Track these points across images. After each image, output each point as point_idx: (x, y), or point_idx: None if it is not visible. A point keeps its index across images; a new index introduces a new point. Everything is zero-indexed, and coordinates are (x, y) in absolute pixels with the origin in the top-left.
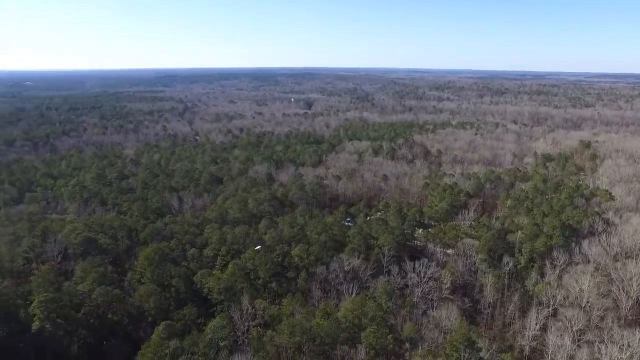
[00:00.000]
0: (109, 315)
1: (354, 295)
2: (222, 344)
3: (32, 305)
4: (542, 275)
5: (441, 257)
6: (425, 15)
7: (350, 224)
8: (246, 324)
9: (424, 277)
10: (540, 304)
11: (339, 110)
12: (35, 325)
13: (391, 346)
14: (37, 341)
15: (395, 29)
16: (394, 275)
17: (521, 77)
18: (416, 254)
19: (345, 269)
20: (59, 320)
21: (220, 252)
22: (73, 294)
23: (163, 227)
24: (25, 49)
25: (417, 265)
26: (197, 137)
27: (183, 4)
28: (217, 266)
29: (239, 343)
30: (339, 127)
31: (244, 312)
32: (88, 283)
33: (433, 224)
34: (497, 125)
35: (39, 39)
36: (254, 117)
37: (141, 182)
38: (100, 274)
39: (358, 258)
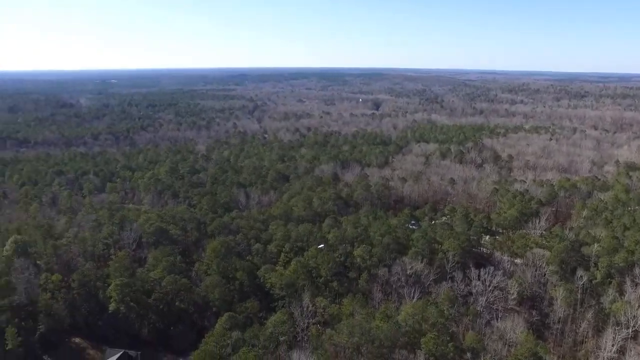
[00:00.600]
0: (177, 303)
1: (415, 299)
2: (281, 338)
3: (110, 288)
4: (621, 293)
5: (508, 266)
6: (499, 14)
7: (414, 227)
8: (306, 321)
9: (489, 285)
10: (617, 324)
11: (407, 112)
12: (111, 306)
13: (451, 354)
14: (113, 321)
15: (467, 28)
16: (457, 282)
17: (604, 79)
18: (482, 261)
19: (408, 272)
20: (132, 303)
21: (283, 249)
22: (145, 280)
23: (230, 222)
24: (113, 50)
25: (482, 273)
26: (266, 135)
27: (255, 6)
28: (280, 262)
29: (298, 339)
30: (407, 128)
31: (305, 309)
32: (159, 271)
33: (501, 231)
34: (574, 130)
35: (123, 40)
36: (321, 117)
37: (211, 177)
38: (170, 263)
39: (421, 262)
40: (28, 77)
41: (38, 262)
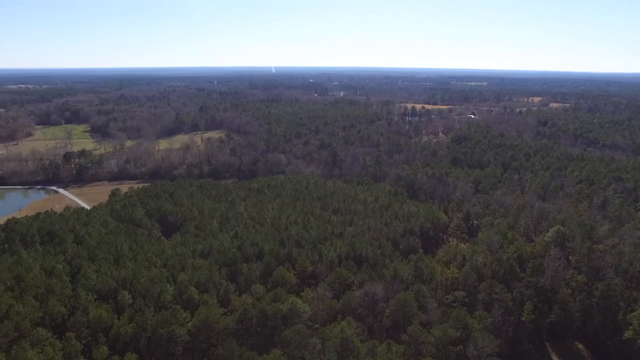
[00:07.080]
0: None
1: None
2: None
3: (632, 313)
4: None
5: None
6: None
7: None
8: None
9: None
10: None
11: None
12: (627, 333)
13: None
14: (621, 348)
15: None
16: None
17: None
18: None
19: None
20: None
21: None
22: None
23: None
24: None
25: None
26: None
27: None
28: None
29: None
30: None
31: None
32: None
33: None
34: None
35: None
36: None
37: None
38: None
39: None
40: (613, 78)
41: (570, 257)
